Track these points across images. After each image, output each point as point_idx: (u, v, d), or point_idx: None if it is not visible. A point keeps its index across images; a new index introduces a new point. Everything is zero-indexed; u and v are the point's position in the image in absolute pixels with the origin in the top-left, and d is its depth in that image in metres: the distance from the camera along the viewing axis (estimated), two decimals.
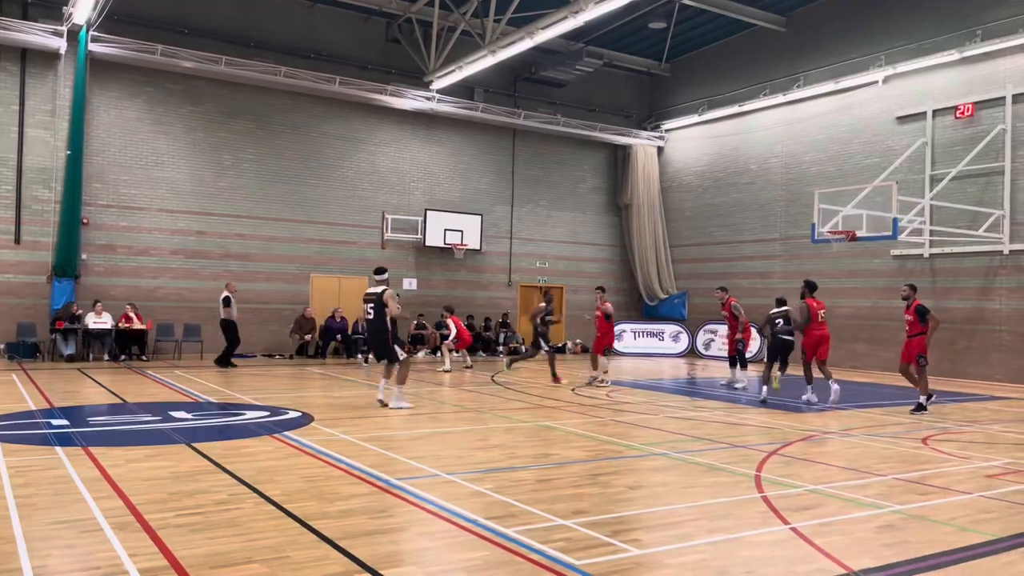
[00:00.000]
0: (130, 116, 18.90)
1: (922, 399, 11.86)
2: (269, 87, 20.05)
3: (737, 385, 14.89)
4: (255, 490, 6.18)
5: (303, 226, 20.98)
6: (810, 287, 12.70)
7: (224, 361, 16.99)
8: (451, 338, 18.16)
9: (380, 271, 11.35)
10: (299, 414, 10.37)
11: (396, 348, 10.87)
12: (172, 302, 19.27)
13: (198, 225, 19.64)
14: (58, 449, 7.58)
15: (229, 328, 17.00)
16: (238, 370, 16.51)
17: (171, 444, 8.09)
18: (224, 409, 10.84)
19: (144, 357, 18.12)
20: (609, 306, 15.16)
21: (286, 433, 8.88)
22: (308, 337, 20.12)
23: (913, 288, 12.20)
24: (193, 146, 19.62)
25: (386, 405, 11.12)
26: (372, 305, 10.84)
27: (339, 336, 20.44)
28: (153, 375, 15.04)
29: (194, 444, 8.03)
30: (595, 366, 15.25)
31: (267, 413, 10.49)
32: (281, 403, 11.46)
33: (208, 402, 11.48)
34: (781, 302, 13.49)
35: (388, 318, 10.76)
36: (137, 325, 17.99)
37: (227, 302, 16.93)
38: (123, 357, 17.76)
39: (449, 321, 18.39)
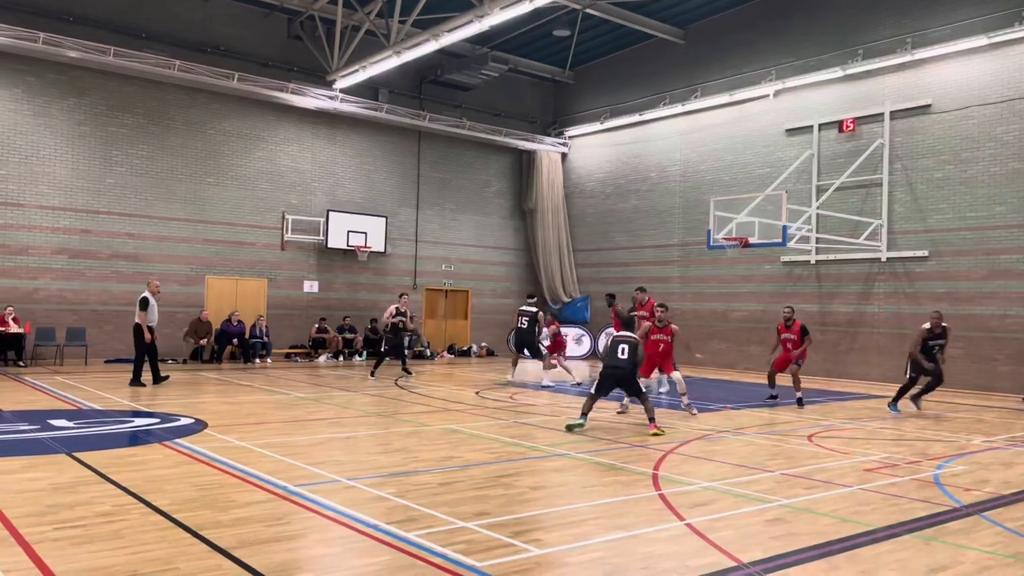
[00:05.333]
0: (7, 107, 17.75)
1: (799, 394, 13.17)
2: (162, 81, 19.21)
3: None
4: (142, 500, 5.91)
5: (198, 226, 20.20)
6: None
7: (136, 379, 13.92)
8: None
9: (532, 296, 16.92)
10: (192, 420, 9.98)
11: (540, 347, 16.05)
12: (53, 304, 18.19)
13: (83, 223, 18.62)
14: None
15: (138, 335, 13.82)
16: (127, 376, 15.68)
17: (50, 454, 7.64)
18: (110, 416, 10.31)
19: (22, 363, 17.02)
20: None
21: (177, 440, 8.52)
22: (203, 341, 19.38)
23: (792, 309, 13.78)
24: (78, 140, 18.59)
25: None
26: (527, 319, 15.73)
27: (235, 340, 19.77)
28: (31, 382, 14.15)
29: (75, 454, 7.60)
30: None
31: (157, 420, 10.05)
32: (173, 409, 10.99)
33: (92, 409, 10.89)
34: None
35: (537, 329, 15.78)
36: (14, 329, 16.90)
37: (143, 304, 13.73)
38: None
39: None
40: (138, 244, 19.33)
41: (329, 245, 21.93)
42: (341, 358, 21.30)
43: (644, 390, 10.26)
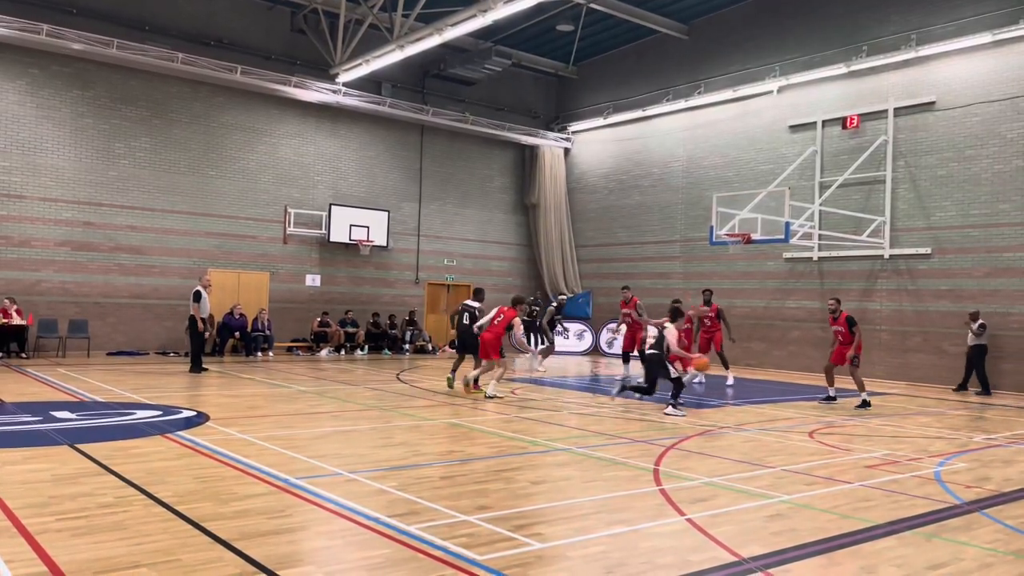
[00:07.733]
0: (11, 99, 17.75)
1: (865, 396, 12.73)
2: (166, 73, 19.20)
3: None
4: (144, 492, 5.92)
5: (200, 219, 20.21)
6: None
7: (197, 365, 15.15)
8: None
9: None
10: (194, 413, 10.00)
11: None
12: (56, 296, 18.21)
13: (85, 216, 18.63)
14: None
15: (193, 326, 15.12)
16: (129, 368, 15.75)
17: (52, 445, 7.65)
18: (112, 408, 10.32)
19: (24, 354, 17.06)
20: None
21: (179, 433, 8.54)
22: (206, 334, 19.36)
23: (838, 300, 13.31)
24: (81, 132, 18.59)
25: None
26: (468, 314, 13.21)
27: (237, 333, 19.79)
28: (34, 373, 14.18)
29: (78, 445, 7.62)
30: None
31: (159, 412, 10.07)
32: (175, 402, 11.01)
33: (94, 401, 10.91)
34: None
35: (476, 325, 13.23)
36: (17, 320, 16.92)
37: (196, 297, 14.88)
38: (0, 354, 16.68)
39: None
40: (140, 237, 19.34)
41: (331, 239, 21.93)
42: (343, 352, 21.31)
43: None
